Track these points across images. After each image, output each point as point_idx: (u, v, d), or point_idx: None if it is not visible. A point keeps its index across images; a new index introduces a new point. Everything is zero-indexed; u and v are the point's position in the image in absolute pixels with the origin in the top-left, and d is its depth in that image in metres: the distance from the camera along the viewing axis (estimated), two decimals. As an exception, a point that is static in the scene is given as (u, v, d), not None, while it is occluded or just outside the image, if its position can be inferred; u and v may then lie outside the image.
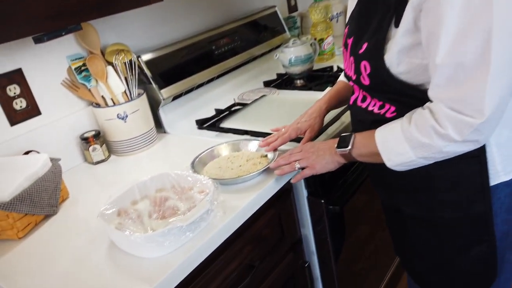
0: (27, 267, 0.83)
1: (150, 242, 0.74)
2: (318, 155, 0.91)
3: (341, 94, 1.10)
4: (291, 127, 1.06)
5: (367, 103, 0.86)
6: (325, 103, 1.08)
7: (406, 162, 0.75)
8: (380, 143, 0.77)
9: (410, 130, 0.72)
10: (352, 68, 0.82)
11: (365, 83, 0.79)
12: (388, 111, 0.80)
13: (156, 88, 1.31)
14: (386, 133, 0.77)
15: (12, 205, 0.88)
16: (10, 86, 1.10)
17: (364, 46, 0.77)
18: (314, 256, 1.20)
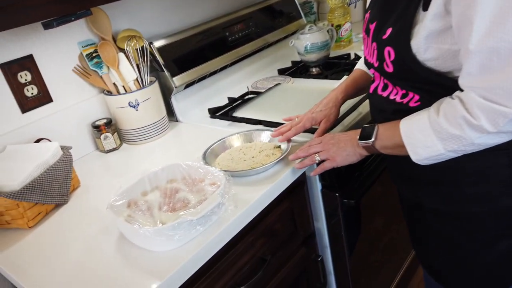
0: (37, 257, 0.82)
1: (160, 235, 0.72)
2: (339, 147, 0.87)
3: (358, 83, 1.05)
4: (305, 117, 1.02)
5: (388, 91, 0.82)
6: (342, 93, 1.04)
7: (433, 156, 0.71)
8: (406, 135, 0.73)
9: (439, 121, 0.68)
10: (375, 55, 0.78)
11: (388, 70, 0.75)
12: (412, 100, 0.76)
13: (168, 76, 1.28)
14: (411, 124, 0.73)
15: (23, 194, 0.87)
16: (21, 72, 1.09)
17: (388, 31, 0.73)
18: (328, 250, 1.17)
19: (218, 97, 1.47)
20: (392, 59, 0.73)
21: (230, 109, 1.34)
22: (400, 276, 1.58)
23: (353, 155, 0.86)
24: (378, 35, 0.76)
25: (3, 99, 1.07)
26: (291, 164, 0.96)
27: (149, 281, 0.70)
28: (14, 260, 0.83)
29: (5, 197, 0.85)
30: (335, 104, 1.03)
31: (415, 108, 0.76)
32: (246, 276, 0.90)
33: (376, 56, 0.78)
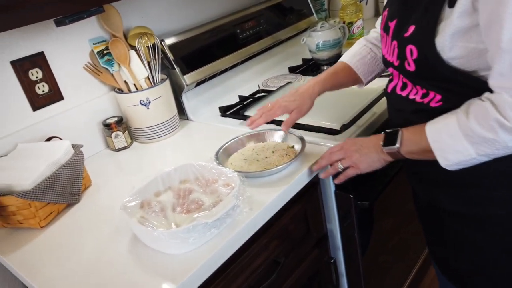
0: (49, 257, 0.81)
1: (174, 238, 0.71)
2: (362, 154, 0.85)
3: (339, 77, 1.01)
4: (277, 104, 0.98)
5: (407, 91, 0.80)
6: (319, 85, 0.99)
7: (464, 161, 0.68)
8: (433, 140, 0.71)
9: (470, 125, 0.65)
10: (395, 54, 0.76)
11: (409, 69, 0.73)
12: (433, 100, 0.74)
13: (179, 74, 1.27)
14: (439, 129, 0.71)
15: (35, 193, 0.86)
16: (33, 70, 1.08)
17: (410, 29, 0.71)
18: (340, 252, 1.15)
19: (228, 95, 1.45)
20: (415, 57, 0.71)
21: (241, 107, 1.32)
22: (412, 277, 1.56)
23: (377, 161, 0.84)
24: (399, 33, 0.74)
25: (15, 96, 1.06)
26: (305, 165, 0.94)
27: (163, 285, 0.69)
28: (26, 260, 0.82)
29: (17, 196, 0.84)
30: (310, 95, 0.98)
31: (436, 108, 0.74)
32: (259, 279, 0.89)
33: (396, 54, 0.76)
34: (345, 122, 1.05)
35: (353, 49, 1.03)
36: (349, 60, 1.01)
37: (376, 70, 1.02)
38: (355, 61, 1.00)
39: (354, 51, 1.02)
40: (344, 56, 1.03)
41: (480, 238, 0.80)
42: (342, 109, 1.12)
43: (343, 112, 1.11)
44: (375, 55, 1.01)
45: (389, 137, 0.80)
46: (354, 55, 1.01)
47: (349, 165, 0.87)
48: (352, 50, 1.03)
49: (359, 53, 1.01)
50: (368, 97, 1.16)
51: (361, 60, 1.00)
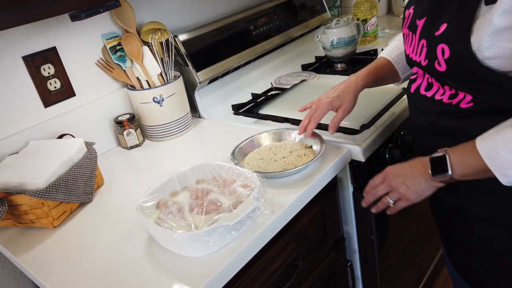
0: (62, 258, 0.79)
1: (194, 241, 0.68)
2: (410, 184, 0.78)
3: (381, 72, 0.98)
4: (320, 102, 0.94)
5: (433, 91, 0.77)
6: (362, 79, 0.95)
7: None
8: (489, 157, 0.65)
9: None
10: (423, 53, 0.73)
11: (439, 69, 0.70)
12: (463, 101, 0.71)
13: (192, 71, 1.24)
14: (494, 145, 0.65)
15: (48, 192, 0.84)
16: (44, 65, 1.06)
17: (442, 27, 0.67)
18: (356, 255, 1.13)
19: (241, 93, 1.43)
20: (446, 57, 0.68)
21: (254, 105, 1.29)
22: (425, 280, 1.54)
23: (428, 189, 0.78)
24: (429, 31, 0.71)
25: (26, 92, 1.04)
26: (325, 166, 0.92)
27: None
28: (38, 260, 0.80)
29: (30, 195, 0.82)
30: (354, 90, 0.94)
31: (467, 109, 0.71)
32: (277, 282, 0.87)
33: (425, 54, 0.73)
34: (365, 122, 1.02)
35: (392, 45, 1.02)
36: (389, 55, 0.99)
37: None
38: (394, 56, 0.98)
39: (393, 46, 1.00)
40: (383, 52, 1.02)
41: (508, 244, 0.77)
42: (361, 108, 1.08)
43: (362, 111, 1.08)
44: None
45: (437, 164, 0.73)
46: (393, 50, 0.99)
47: (398, 198, 0.82)
48: (391, 46, 1.01)
49: (398, 48, 0.99)
50: (387, 97, 1.13)
51: (400, 55, 0.98)
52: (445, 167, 0.71)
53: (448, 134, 0.76)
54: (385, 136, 1.05)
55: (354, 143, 0.98)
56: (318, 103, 0.95)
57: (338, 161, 0.94)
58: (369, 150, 0.99)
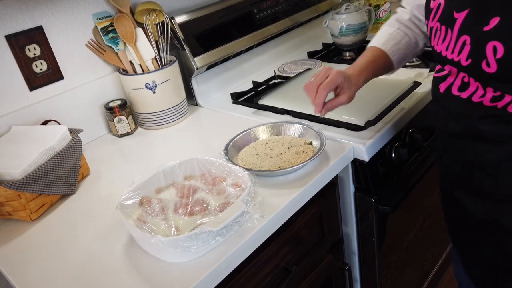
0: (37, 256, 0.74)
1: (174, 247, 0.62)
2: None
3: (379, 65, 0.89)
4: (333, 70, 0.82)
5: (469, 92, 0.67)
6: (362, 75, 0.86)
7: None
8: None
9: None
10: (464, 51, 0.63)
11: (488, 70, 0.61)
12: (511, 105, 0.62)
13: (189, 55, 1.17)
14: None
15: (25, 184, 0.78)
16: (30, 46, 0.99)
17: (493, 21, 0.58)
18: (355, 257, 1.07)
19: (242, 80, 1.35)
20: (499, 56, 0.58)
21: (255, 94, 1.22)
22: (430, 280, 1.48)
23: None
24: (475, 26, 0.61)
25: (10, 74, 0.98)
26: (324, 165, 0.85)
27: (160, 299, 0.61)
28: (11, 256, 0.75)
29: (5, 187, 0.76)
30: (356, 84, 0.85)
31: None
32: (268, 287, 0.81)
33: (468, 52, 0.63)
34: (371, 118, 0.95)
35: (385, 32, 0.92)
36: (384, 45, 0.90)
37: (408, 56, 0.93)
38: (390, 46, 0.89)
39: (388, 35, 0.90)
40: (377, 41, 0.91)
41: None
42: (367, 102, 1.01)
43: (368, 106, 1.00)
44: (409, 39, 0.91)
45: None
46: (388, 39, 0.90)
47: None
48: (385, 34, 0.91)
49: (394, 38, 0.90)
50: (396, 90, 1.04)
51: (396, 45, 0.89)
52: None
53: (490, 140, 0.66)
54: (392, 134, 0.97)
55: (358, 140, 0.91)
56: (329, 71, 0.82)
57: (339, 161, 0.87)
58: (373, 149, 0.91)
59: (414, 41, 0.90)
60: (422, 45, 0.92)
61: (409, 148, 1.01)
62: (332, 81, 0.81)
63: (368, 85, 0.88)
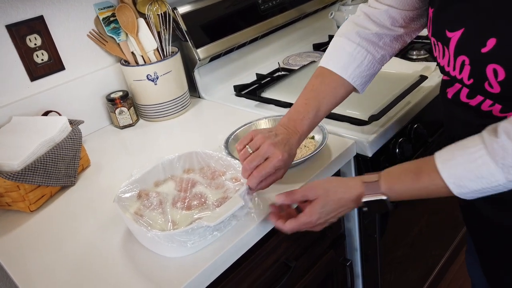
0: (35, 247, 0.74)
1: (171, 241, 0.61)
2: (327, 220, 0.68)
3: (337, 97, 0.75)
4: (274, 154, 0.66)
5: (478, 100, 0.63)
6: (302, 133, 0.72)
7: (486, 188, 0.54)
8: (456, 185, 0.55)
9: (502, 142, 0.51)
10: (465, 71, 0.59)
11: (491, 91, 0.57)
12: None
13: (192, 47, 1.15)
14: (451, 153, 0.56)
15: (23, 175, 0.78)
16: (30, 36, 0.98)
17: (490, 43, 0.54)
18: (357, 253, 1.05)
19: (245, 73, 1.33)
20: (501, 79, 0.55)
21: (258, 87, 1.20)
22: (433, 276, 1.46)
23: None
24: (472, 47, 0.57)
25: (11, 64, 0.97)
26: (326, 160, 0.83)
27: (155, 294, 0.60)
28: (9, 248, 0.75)
29: (3, 178, 0.76)
30: (295, 153, 0.71)
31: None
32: (266, 283, 0.80)
33: (468, 72, 0.59)
34: (375, 112, 0.93)
35: (343, 50, 0.75)
36: (343, 71, 0.74)
37: (373, 75, 0.79)
38: (350, 71, 0.74)
39: (347, 56, 0.74)
40: (334, 63, 0.75)
41: None
42: (371, 96, 0.98)
43: (372, 100, 0.98)
44: (372, 58, 0.76)
45: (373, 208, 0.63)
46: (348, 62, 0.74)
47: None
48: (343, 54, 0.75)
49: (354, 58, 0.74)
50: (402, 84, 1.02)
51: (358, 68, 0.74)
52: (384, 209, 0.63)
53: None
54: (397, 129, 0.95)
55: (361, 135, 0.89)
56: (268, 149, 0.66)
57: (341, 156, 0.85)
58: (377, 144, 0.90)
59: (379, 57, 0.76)
60: (389, 58, 0.79)
61: (413, 143, 0.99)
62: (273, 166, 0.66)
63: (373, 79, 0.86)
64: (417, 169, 0.60)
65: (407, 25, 0.76)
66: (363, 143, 0.88)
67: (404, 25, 0.76)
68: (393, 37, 0.77)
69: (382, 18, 0.75)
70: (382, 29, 0.76)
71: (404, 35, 0.78)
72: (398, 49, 0.80)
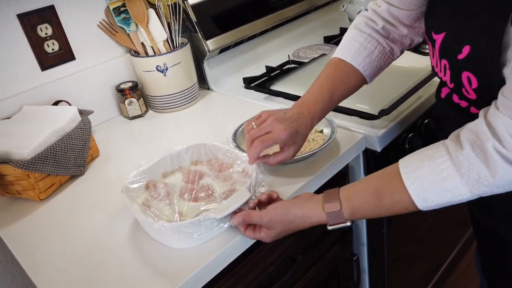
0: (44, 235, 0.75)
1: (177, 233, 0.62)
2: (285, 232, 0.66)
3: (349, 86, 0.75)
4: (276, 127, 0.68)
5: (467, 103, 0.63)
6: (316, 116, 0.72)
7: (450, 202, 0.53)
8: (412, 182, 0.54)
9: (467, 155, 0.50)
10: (447, 75, 0.60)
11: (469, 97, 0.57)
12: None
13: (202, 38, 1.15)
14: (416, 165, 0.55)
15: (33, 164, 0.79)
16: (41, 25, 0.99)
17: (465, 50, 0.53)
18: (364, 248, 1.05)
19: (255, 64, 1.32)
20: (474, 87, 0.55)
21: (268, 79, 1.20)
22: (440, 273, 1.46)
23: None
24: (450, 52, 0.57)
25: (22, 54, 0.98)
26: (335, 154, 0.83)
27: (164, 284, 0.60)
28: (19, 235, 0.76)
29: (14, 166, 0.77)
30: (305, 134, 0.72)
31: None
32: (271, 276, 0.80)
33: (449, 77, 0.59)
34: (385, 106, 0.91)
35: (354, 41, 0.76)
36: (353, 59, 0.75)
37: (383, 67, 0.79)
38: (360, 60, 0.75)
39: (358, 45, 0.76)
40: (345, 53, 0.76)
41: None
42: (381, 90, 0.98)
43: (382, 93, 0.96)
44: (383, 49, 0.77)
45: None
46: (359, 51, 0.75)
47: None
48: (355, 44, 0.76)
49: (365, 48, 0.75)
50: (413, 78, 1.00)
51: (368, 58, 0.75)
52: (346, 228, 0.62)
53: None
54: (407, 124, 0.94)
55: (370, 130, 0.88)
56: (272, 124, 0.68)
57: (350, 150, 0.84)
58: (386, 139, 0.89)
59: (389, 49, 0.78)
60: (399, 53, 0.80)
61: (424, 138, 0.97)
62: (273, 138, 0.67)
63: (383, 72, 0.85)
64: (378, 191, 0.57)
65: (411, 24, 0.76)
66: (373, 137, 0.87)
67: (408, 24, 0.76)
68: (400, 35, 0.78)
69: (385, 15, 0.76)
70: (388, 25, 0.77)
71: (410, 34, 0.78)
72: (408, 46, 0.80)
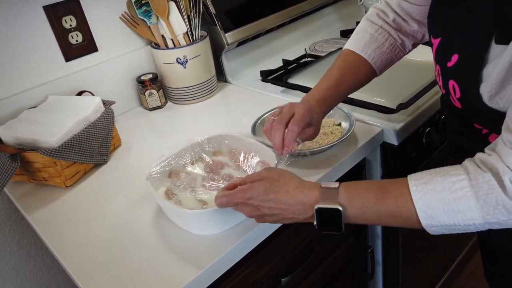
0: (69, 220, 0.78)
1: (200, 220, 0.64)
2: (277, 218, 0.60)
3: (359, 77, 0.76)
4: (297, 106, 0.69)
5: None
6: (322, 100, 0.73)
7: (458, 226, 0.49)
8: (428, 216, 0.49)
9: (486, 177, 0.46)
10: (440, 79, 0.60)
11: (456, 105, 0.57)
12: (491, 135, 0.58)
13: (221, 31, 1.16)
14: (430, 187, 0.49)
15: (61, 152, 0.82)
16: (66, 17, 1.01)
17: (454, 58, 0.54)
18: (379, 241, 1.06)
19: (272, 58, 1.33)
20: (458, 96, 0.55)
21: (284, 73, 1.21)
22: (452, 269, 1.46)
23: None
24: (442, 59, 0.57)
25: (47, 44, 1.00)
26: (352, 147, 0.84)
27: (186, 269, 0.63)
28: (47, 220, 0.79)
29: (42, 154, 0.80)
30: (319, 112, 0.72)
31: None
32: (289, 264, 0.82)
33: (441, 82, 0.59)
34: (403, 100, 0.92)
35: (365, 32, 0.77)
36: (362, 50, 0.75)
37: (394, 61, 0.79)
38: (370, 51, 0.75)
39: (369, 36, 0.76)
40: (355, 44, 0.76)
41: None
42: (399, 84, 0.98)
43: (401, 87, 0.97)
44: (394, 42, 0.76)
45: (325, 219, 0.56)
46: (369, 42, 0.75)
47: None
48: (365, 35, 0.76)
49: (375, 39, 0.75)
50: (432, 72, 1.00)
51: (378, 49, 0.75)
52: (337, 227, 0.55)
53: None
54: (425, 118, 0.95)
55: (388, 124, 0.89)
56: (293, 107, 0.68)
57: (367, 143, 0.86)
58: (404, 133, 0.89)
59: (400, 42, 0.77)
60: (411, 47, 0.79)
61: (441, 133, 0.98)
62: (302, 116, 0.66)
63: (402, 66, 0.85)
64: (384, 188, 0.53)
65: (422, 20, 0.76)
66: (390, 131, 0.88)
67: (418, 19, 0.76)
68: (411, 30, 0.78)
69: (397, 9, 0.77)
70: (399, 19, 0.77)
71: (421, 30, 0.77)
72: (420, 40, 0.80)
